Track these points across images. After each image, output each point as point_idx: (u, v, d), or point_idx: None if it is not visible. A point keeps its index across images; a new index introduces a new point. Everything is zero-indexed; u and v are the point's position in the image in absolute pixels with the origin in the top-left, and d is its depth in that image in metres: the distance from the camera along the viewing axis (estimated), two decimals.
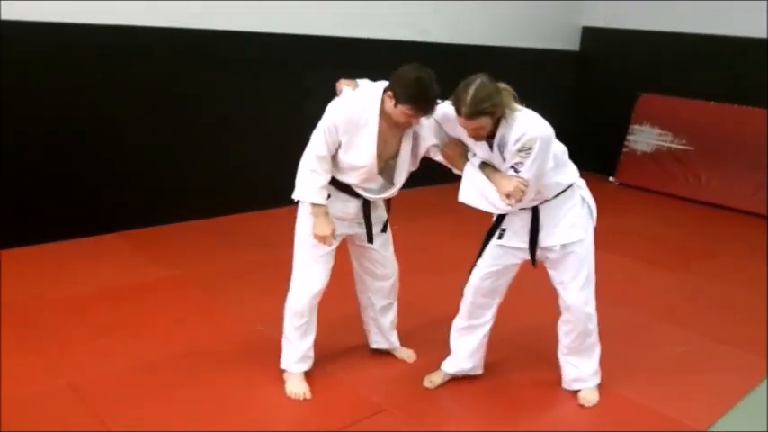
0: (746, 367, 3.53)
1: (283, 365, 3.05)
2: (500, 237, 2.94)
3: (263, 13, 5.25)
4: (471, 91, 2.56)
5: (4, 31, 4.06)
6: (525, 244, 2.90)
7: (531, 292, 3.46)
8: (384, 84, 2.78)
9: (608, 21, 7.92)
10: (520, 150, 2.62)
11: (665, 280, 4.83)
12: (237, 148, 5.40)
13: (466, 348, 3.13)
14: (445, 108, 2.76)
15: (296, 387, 2.98)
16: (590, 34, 8.15)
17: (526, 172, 2.64)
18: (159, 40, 4.75)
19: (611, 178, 7.81)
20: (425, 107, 2.67)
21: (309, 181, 2.77)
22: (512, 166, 2.67)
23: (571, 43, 8.17)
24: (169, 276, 4.19)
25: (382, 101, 2.73)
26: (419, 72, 2.65)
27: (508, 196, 2.66)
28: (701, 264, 5.24)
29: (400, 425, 2.86)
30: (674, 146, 7.40)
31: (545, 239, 2.88)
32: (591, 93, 8.16)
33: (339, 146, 2.76)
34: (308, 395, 2.97)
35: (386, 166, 2.87)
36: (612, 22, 7.91)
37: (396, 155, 2.87)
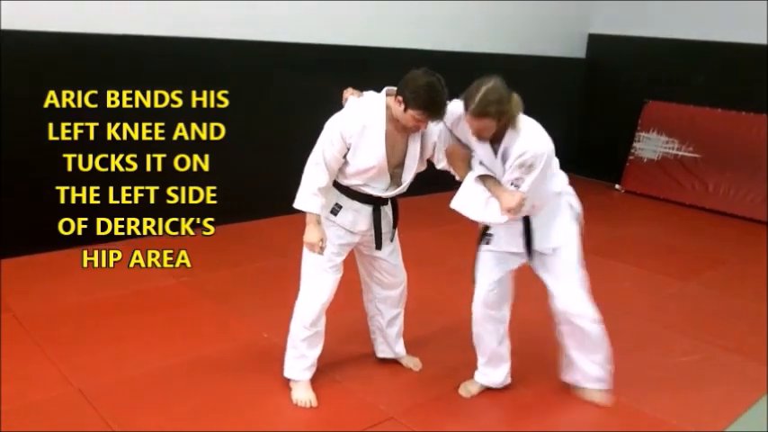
0: (755, 376, 3.52)
1: (288, 374, 3.05)
2: (487, 242, 3.00)
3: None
4: (483, 90, 2.60)
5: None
6: (519, 248, 2.95)
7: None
8: (388, 89, 2.81)
9: (614, 28, 7.93)
10: (521, 166, 2.66)
11: (671, 288, 4.81)
12: (251, 154, 5.41)
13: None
14: (453, 107, 2.79)
15: (302, 395, 2.99)
16: (596, 41, 8.16)
17: (526, 188, 2.68)
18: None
19: (617, 186, 7.80)
20: (435, 112, 2.69)
21: (304, 188, 2.78)
22: (512, 182, 2.70)
23: (577, 50, 8.18)
24: (177, 284, 4.20)
25: (388, 105, 2.75)
26: (429, 77, 2.67)
27: (509, 210, 2.68)
28: (709, 272, 5.22)
29: None
30: (680, 153, 7.39)
31: (537, 243, 2.94)
32: (597, 100, 8.17)
33: (346, 153, 2.77)
34: (315, 403, 2.97)
35: (394, 171, 2.88)
36: (619, 29, 7.91)
37: (404, 160, 2.88)
